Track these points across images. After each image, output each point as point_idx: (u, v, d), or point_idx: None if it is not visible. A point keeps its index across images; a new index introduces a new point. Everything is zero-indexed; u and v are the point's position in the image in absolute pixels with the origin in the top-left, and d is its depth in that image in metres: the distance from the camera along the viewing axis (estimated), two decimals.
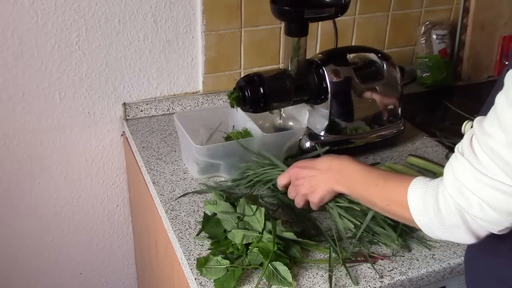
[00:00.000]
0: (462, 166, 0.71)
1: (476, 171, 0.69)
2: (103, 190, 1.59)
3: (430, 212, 0.76)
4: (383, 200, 0.88)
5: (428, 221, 0.77)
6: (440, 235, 0.78)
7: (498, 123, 0.67)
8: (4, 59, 1.33)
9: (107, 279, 1.73)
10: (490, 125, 0.68)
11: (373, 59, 1.35)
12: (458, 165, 0.72)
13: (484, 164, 0.68)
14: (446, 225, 0.75)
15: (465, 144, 0.72)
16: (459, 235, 0.75)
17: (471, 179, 0.69)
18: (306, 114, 1.28)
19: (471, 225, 0.72)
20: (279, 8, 1.16)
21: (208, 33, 1.48)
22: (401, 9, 1.72)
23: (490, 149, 0.67)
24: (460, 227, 0.73)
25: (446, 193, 0.73)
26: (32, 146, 1.45)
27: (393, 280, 0.98)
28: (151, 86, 1.51)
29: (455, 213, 0.72)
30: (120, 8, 1.38)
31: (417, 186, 0.80)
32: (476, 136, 0.70)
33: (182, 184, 1.23)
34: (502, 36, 1.80)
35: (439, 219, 0.75)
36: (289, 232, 1.00)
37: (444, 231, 0.76)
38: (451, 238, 0.77)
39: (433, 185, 0.77)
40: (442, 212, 0.74)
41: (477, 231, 0.73)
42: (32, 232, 1.55)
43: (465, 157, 0.71)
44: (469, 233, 0.73)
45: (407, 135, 1.43)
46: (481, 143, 0.69)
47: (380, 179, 0.89)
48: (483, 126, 0.69)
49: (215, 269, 0.96)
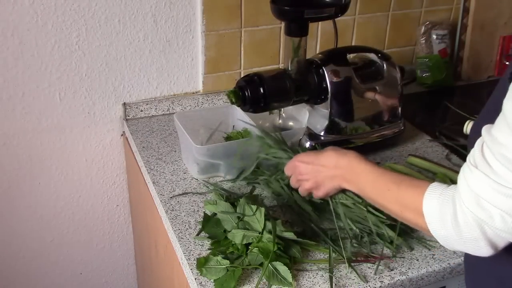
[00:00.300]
0: (478, 179, 0.69)
1: (493, 182, 0.67)
2: (103, 190, 1.59)
3: (447, 224, 0.74)
4: (396, 206, 0.85)
5: (445, 233, 0.75)
6: (458, 247, 0.75)
7: (510, 131, 0.65)
8: (4, 59, 1.33)
9: (107, 279, 1.73)
10: (501, 133, 0.66)
11: (373, 59, 1.35)
12: (473, 178, 0.70)
13: (500, 174, 0.66)
14: (464, 238, 0.72)
15: (477, 155, 0.70)
16: (478, 248, 0.72)
17: (489, 191, 0.67)
18: (306, 114, 1.28)
19: (492, 237, 0.70)
20: (279, 8, 1.16)
21: (208, 33, 1.48)
22: (401, 9, 1.72)
23: (505, 158, 0.65)
24: (479, 240, 0.71)
25: (464, 206, 0.71)
26: (32, 146, 1.45)
27: (393, 280, 0.98)
28: (151, 86, 1.51)
29: (475, 226, 0.70)
30: (120, 8, 1.38)
31: (433, 195, 0.77)
32: (488, 146, 0.68)
33: (182, 184, 1.23)
34: (502, 36, 1.80)
35: (457, 231, 0.73)
36: (289, 232, 1.00)
37: (462, 243, 0.73)
38: (469, 250, 0.74)
39: (449, 195, 0.75)
40: (460, 225, 0.72)
41: (497, 242, 0.71)
42: (32, 232, 1.55)
43: (480, 169, 0.68)
44: (489, 245, 0.71)
45: (407, 135, 1.43)
46: (494, 153, 0.67)
47: (392, 184, 0.86)
48: (493, 135, 0.67)
49: (215, 269, 0.96)
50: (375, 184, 0.90)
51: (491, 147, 0.67)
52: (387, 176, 0.89)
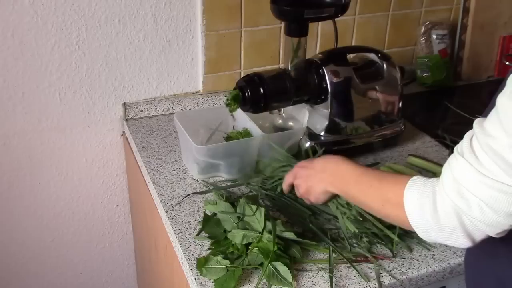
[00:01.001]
0: (462, 167, 0.70)
1: (476, 172, 0.68)
2: (103, 190, 1.59)
3: (426, 213, 0.75)
4: (377, 202, 0.85)
5: (424, 222, 0.76)
6: (435, 238, 0.76)
7: (501, 125, 0.66)
8: (4, 59, 1.33)
9: (107, 279, 1.73)
10: (492, 126, 0.67)
11: (373, 59, 1.35)
12: (458, 166, 0.71)
13: (484, 165, 0.67)
14: (442, 227, 0.73)
15: (465, 145, 0.71)
16: (455, 238, 0.73)
17: (471, 179, 0.69)
18: (306, 114, 1.28)
19: (469, 227, 0.71)
20: (279, 8, 1.16)
21: (208, 33, 1.48)
22: (401, 9, 1.72)
23: (492, 150, 0.66)
24: (457, 230, 0.72)
25: (444, 194, 0.72)
26: (32, 146, 1.45)
27: (393, 280, 0.98)
28: (151, 86, 1.51)
29: (453, 215, 0.71)
30: (120, 8, 1.38)
31: (413, 186, 0.78)
32: (477, 137, 0.69)
33: (182, 184, 1.23)
34: (502, 36, 1.80)
35: (435, 220, 0.73)
36: (289, 232, 1.00)
37: (440, 233, 0.74)
38: (446, 241, 0.75)
39: (430, 185, 0.76)
40: (439, 214, 0.73)
41: (474, 234, 0.72)
42: (32, 232, 1.55)
43: (465, 158, 0.70)
44: (466, 236, 0.72)
45: (407, 135, 1.43)
46: (482, 144, 0.68)
47: (375, 180, 0.87)
48: (484, 127, 0.69)
49: (215, 269, 0.96)
50: (357, 182, 0.91)
51: (480, 138, 0.68)
52: (370, 173, 0.90)
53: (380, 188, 0.85)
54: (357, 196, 0.91)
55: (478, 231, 0.71)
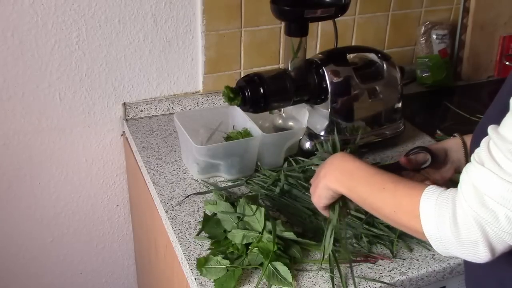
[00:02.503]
0: (484, 176, 0.66)
1: (501, 180, 0.64)
2: (103, 190, 1.59)
3: (445, 226, 0.70)
4: (390, 206, 0.79)
5: (442, 235, 0.71)
6: (453, 251, 0.71)
7: None
8: (4, 59, 1.33)
9: (107, 279, 1.73)
10: (510, 130, 0.65)
11: (373, 59, 1.35)
12: (479, 176, 0.67)
13: (509, 171, 0.64)
14: (462, 241, 0.69)
15: (484, 153, 0.67)
16: (475, 252, 0.69)
17: (497, 188, 0.65)
18: (306, 114, 1.28)
19: (493, 240, 0.67)
20: (279, 8, 1.16)
21: (208, 33, 1.48)
22: (401, 9, 1.72)
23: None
24: (479, 243, 0.67)
25: (466, 205, 0.68)
26: (32, 146, 1.45)
27: (393, 280, 0.98)
28: (151, 86, 1.51)
29: (475, 228, 0.67)
30: (120, 8, 1.38)
31: (430, 196, 0.73)
32: (496, 144, 0.66)
33: (182, 184, 1.23)
34: (502, 36, 1.80)
35: (455, 234, 0.69)
36: (289, 232, 1.00)
37: (459, 247, 0.70)
38: (465, 255, 0.70)
39: (449, 196, 0.71)
40: (459, 227, 0.68)
41: (497, 247, 0.67)
42: (32, 232, 1.55)
43: (487, 167, 0.66)
44: (488, 249, 0.68)
45: (407, 135, 1.43)
46: (503, 151, 0.65)
47: (389, 183, 0.80)
48: (502, 133, 0.66)
49: (215, 269, 0.96)
50: (369, 182, 0.84)
51: (499, 145, 0.65)
52: (383, 175, 0.83)
53: (395, 193, 0.79)
54: (367, 197, 0.84)
55: (502, 243, 0.67)
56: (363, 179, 0.85)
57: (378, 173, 0.84)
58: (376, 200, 0.82)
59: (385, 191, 0.80)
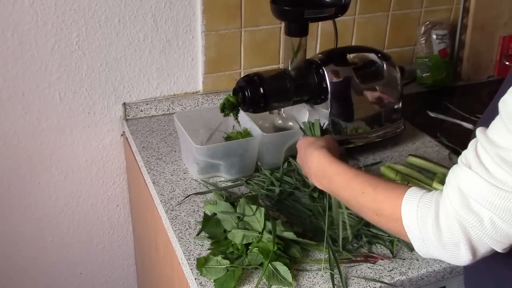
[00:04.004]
0: (471, 179, 0.66)
1: (488, 184, 0.64)
2: (103, 190, 1.59)
3: (427, 228, 0.70)
4: (371, 210, 0.80)
5: (424, 236, 0.71)
6: (434, 253, 0.72)
7: (508, 133, 0.63)
8: (4, 59, 1.33)
9: (107, 279, 1.73)
10: (498, 134, 0.64)
11: (373, 59, 1.35)
12: (466, 178, 0.67)
13: (496, 176, 0.64)
14: (444, 242, 0.69)
15: (471, 156, 0.67)
16: (456, 254, 0.69)
17: (483, 192, 0.65)
18: (306, 114, 1.28)
19: (475, 243, 0.67)
20: (279, 8, 1.16)
21: (208, 33, 1.48)
22: (401, 9, 1.72)
23: (502, 160, 0.63)
24: (460, 245, 0.68)
25: (450, 207, 0.68)
26: (32, 146, 1.45)
27: (393, 280, 0.98)
28: (151, 86, 1.51)
29: (458, 230, 0.67)
30: (120, 8, 1.38)
31: (412, 199, 0.73)
32: (483, 147, 0.66)
33: (182, 184, 1.23)
34: (502, 36, 1.80)
35: (437, 236, 0.69)
36: (289, 232, 1.00)
37: (441, 249, 0.70)
38: (446, 257, 0.71)
39: (432, 198, 0.71)
40: (441, 228, 0.69)
41: (479, 250, 0.68)
42: (32, 232, 1.55)
43: (474, 170, 0.66)
44: (469, 252, 0.68)
45: (407, 135, 1.43)
46: (491, 154, 0.64)
47: (368, 186, 0.81)
48: (490, 136, 0.65)
49: (215, 269, 0.96)
50: (348, 187, 0.85)
51: (487, 148, 0.65)
52: (362, 178, 0.84)
53: (375, 197, 0.79)
54: (348, 201, 0.86)
55: (484, 246, 0.67)
56: (342, 184, 0.87)
57: (356, 176, 0.85)
58: (358, 205, 0.83)
59: (365, 195, 0.81)
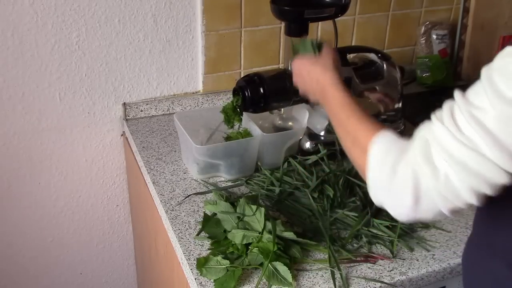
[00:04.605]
0: (440, 133, 0.68)
1: (454, 139, 0.66)
2: (103, 190, 1.59)
3: (385, 169, 0.73)
4: (350, 138, 0.85)
5: (378, 175, 0.75)
6: (380, 194, 0.75)
7: (486, 96, 0.65)
8: (4, 59, 1.32)
9: (107, 279, 1.73)
10: (476, 96, 0.66)
11: (373, 59, 1.35)
12: (435, 131, 0.69)
13: (465, 133, 0.65)
14: (393, 184, 0.72)
15: (445, 113, 0.69)
16: (399, 199, 0.71)
17: (448, 147, 0.67)
18: (306, 114, 1.28)
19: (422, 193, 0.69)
20: (279, 8, 1.16)
21: (208, 33, 1.48)
22: (401, 9, 1.72)
23: (475, 119, 0.65)
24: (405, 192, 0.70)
25: (412, 156, 0.71)
26: (32, 146, 1.45)
27: (393, 280, 0.98)
28: (151, 86, 1.51)
29: (410, 176, 0.69)
30: (120, 8, 1.38)
31: (385, 139, 0.77)
32: (459, 106, 0.67)
33: (182, 184, 1.23)
34: (502, 36, 1.80)
35: (389, 178, 0.72)
36: (289, 232, 1.00)
37: (387, 192, 0.73)
38: (387, 201, 0.74)
39: (401, 144, 0.75)
40: (396, 173, 0.71)
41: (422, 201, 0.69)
42: (32, 232, 1.55)
43: (445, 125, 0.68)
44: (412, 199, 0.69)
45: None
46: (463, 112, 0.66)
47: (355, 115, 0.87)
48: (467, 97, 0.67)
49: (215, 269, 0.96)
50: (340, 111, 0.90)
51: (462, 107, 0.67)
52: (354, 106, 0.89)
53: (356, 125, 0.85)
54: (336, 124, 0.91)
55: (428, 199, 0.69)
56: (333, 107, 0.93)
57: (349, 104, 0.90)
58: (341, 129, 0.89)
59: (348, 122, 0.87)
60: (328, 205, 1.11)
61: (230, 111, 1.20)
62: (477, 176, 0.65)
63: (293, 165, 1.23)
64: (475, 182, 0.66)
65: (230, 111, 1.20)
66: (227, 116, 1.21)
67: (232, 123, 1.22)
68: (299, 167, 1.21)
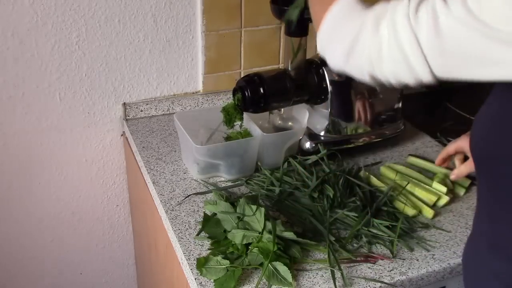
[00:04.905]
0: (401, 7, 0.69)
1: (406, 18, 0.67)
2: (103, 190, 1.59)
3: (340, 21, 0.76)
4: None
5: (331, 25, 0.77)
6: (325, 41, 0.78)
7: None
8: (4, 59, 1.32)
9: (107, 279, 1.73)
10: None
11: None
12: (399, 5, 0.69)
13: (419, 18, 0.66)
14: (338, 32, 0.74)
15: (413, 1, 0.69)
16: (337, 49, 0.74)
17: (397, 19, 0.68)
18: (306, 114, 1.28)
19: (357, 48, 0.71)
20: (279, 8, 1.16)
21: (208, 33, 1.48)
22: None
23: (434, 13, 0.64)
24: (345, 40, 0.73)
25: (368, 13, 0.72)
26: (32, 146, 1.45)
27: (393, 280, 0.98)
28: (151, 86, 1.51)
29: (355, 30, 0.72)
30: (120, 8, 1.38)
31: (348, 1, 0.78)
32: None
33: (182, 184, 1.23)
34: None
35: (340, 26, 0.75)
36: (289, 232, 1.00)
37: (330, 39, 0.76)
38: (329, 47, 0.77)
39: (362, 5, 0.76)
40: (346, 26, 0.74)
41: (355, 54, 0.72)
42: (32, 232, 1.55)
43: (410, 3, 0.68)
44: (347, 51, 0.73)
45: (407, 135, 1.43)
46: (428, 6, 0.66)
47: None
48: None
49: (215, 269, 0.96)
50: None
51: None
52: None
53: None
54: None
55: (359, 56, 0.72)
56: None
57: None
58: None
59: None
60: (328, 205, 1.11)
61: (232, 109, 1.20)
62: (404, 60, 0.67)
63: (293, 165, 1.23)
64: (400, 65, 0.68)
65: (231, 110, 1.20)
66: (228, 115, 1.21)
67: (232, 122, 1.22)
68: (299, 167, 1.21)
